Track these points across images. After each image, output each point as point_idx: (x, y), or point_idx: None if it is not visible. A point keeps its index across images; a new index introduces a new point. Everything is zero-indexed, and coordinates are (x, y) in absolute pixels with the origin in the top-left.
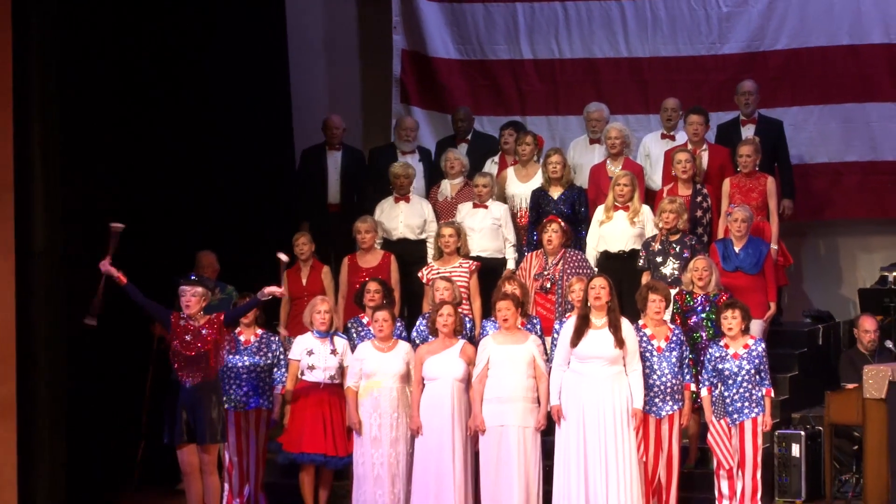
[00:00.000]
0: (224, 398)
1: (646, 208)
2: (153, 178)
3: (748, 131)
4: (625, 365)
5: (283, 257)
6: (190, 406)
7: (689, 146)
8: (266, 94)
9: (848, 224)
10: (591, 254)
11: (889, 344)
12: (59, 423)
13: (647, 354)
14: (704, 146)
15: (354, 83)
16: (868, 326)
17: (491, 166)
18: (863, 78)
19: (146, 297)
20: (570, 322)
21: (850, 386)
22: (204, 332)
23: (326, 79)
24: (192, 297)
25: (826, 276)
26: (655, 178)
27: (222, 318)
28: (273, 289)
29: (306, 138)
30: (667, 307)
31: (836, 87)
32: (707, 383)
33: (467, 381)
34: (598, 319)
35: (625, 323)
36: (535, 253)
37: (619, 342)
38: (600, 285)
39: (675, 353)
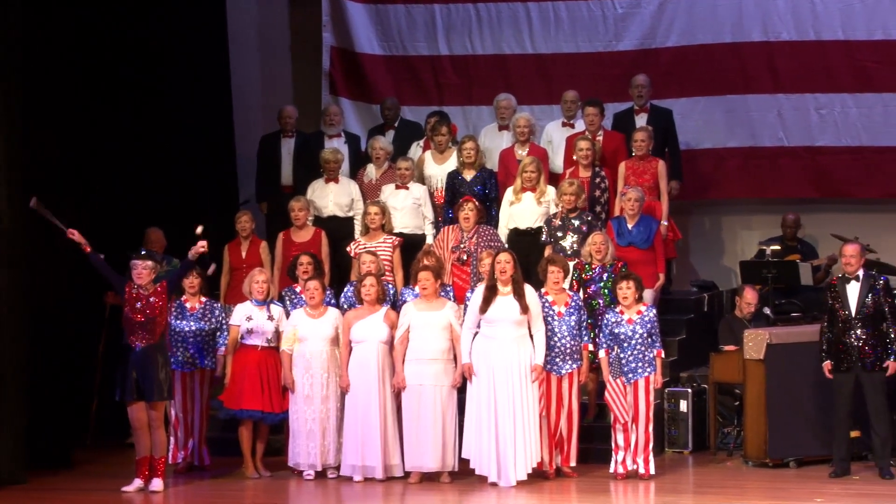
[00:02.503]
0: (171, 359)
1: (550, 189)
2: (109, 163)
3: (641, 120)
4: (529, 327)
5: (199, 229)
6: (139, 367)
7: (587, 133)
8: (209, 88)
9: (730, 203)
10: (503, 231)
11: (767, 310)
12: (20, 385)
13: (549, 319)
14: (600, 133)
15: (287, 76)
16: (750, 299)
17: (416, 150)
18: (743, 72)
19: (108, 265)
20: (479, 290)
21: (728, 348)
22: (152, 299)
23: (262, 73)
24: (142, 269)
25: (710, 249)
26: (557, 162)
27: (166, 285)
28: (197, 248)
29: (246, 126)
30: (565, 277)
31: (720, 81)
32: (604, 346)
33: (390, 343)
34: (505, 287)
35: (528, 289)
36: (451, 227)
37: (524, 308)
38: (505, 260)
39: (573, 317)
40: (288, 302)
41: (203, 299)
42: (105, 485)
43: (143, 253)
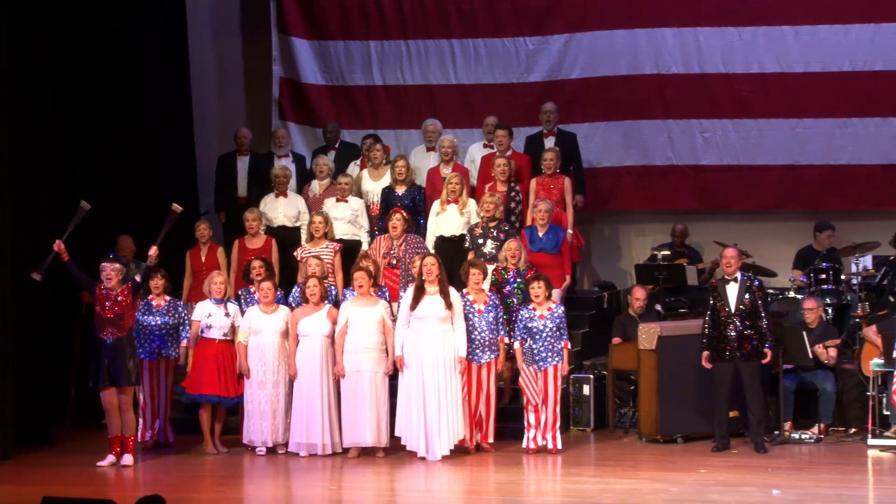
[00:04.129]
0: (139, 350)
1: (471, 201)
2: (86, 179)
3: (550, 142)
4: (452, 323)
5: (177, 208)
6: (110, 357)
7: (502, 153)
8: (174, 114)
9: (626, 214)
10: (431, 238)
11: (658, 307)
12: (7, 375)
13: (470, 315)
14: (509, 152)
15: (241, 103)
16: (639, 295)
17: (354, 168)
18: (638, 101)
19: (80, 270)
20: (410, 290)
21: (615, 341)
22: (119, 298)
23: (220, 100)
24: (111, 272)
25: (609, 254)
26: (477, 177)
27: (131, 286)
28: (153, 251)
29: (206, 146)
30: (484, 279)
31: (618, 108)
32: (519, 338)
33: (332, 336)
34: (432, 288)
35: (452, 290)
36: (383, 236)
37: (448, 305)
38: (431, 263)
39: (492, 314)
40: (243, 301)
41: (167, 298)
42: (82, 460)
43: (111, 257)
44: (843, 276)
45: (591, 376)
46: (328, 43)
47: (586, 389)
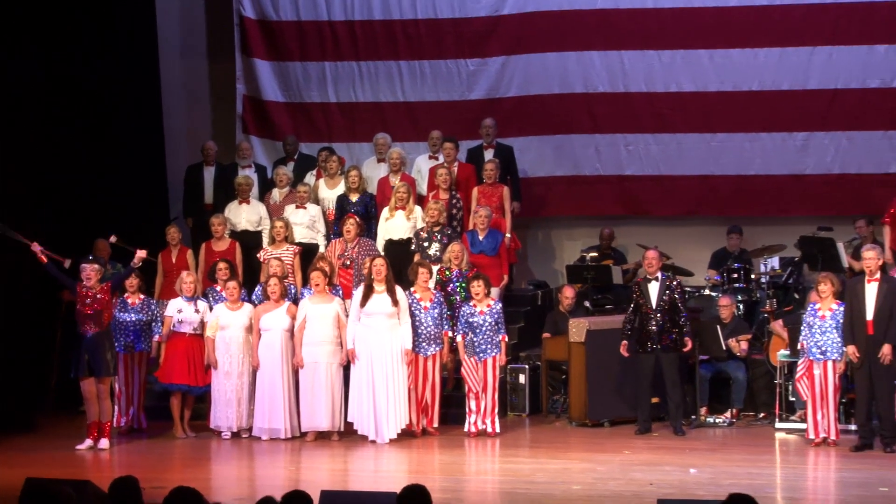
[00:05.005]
0: (116, 343)
1: (417, 208)
2: (67, 190)
3: (489, 154)
4: (399, 318)
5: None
6: (90, 350)
7: (446, 164)
8: (146, 128)
9: (558, 219)
10: (381, 242)
11: (587, 304)
12: None
13: (417, 311)
14: (456, 163)
15: (208, 118)
16: (568, 293)
17: (311, 177)
18: (568, 117)
19: (59, 271)
20: (360, 289)
21: (545, 335)
22: (99, 296)
23: (188, 116)
24: (90, 271)
25: (543, 256)
26: (424, 187)
27: (110, 285)
28: (140, 255)
29: (175, 157)
30: (430, 278)
31: (550, 123)
32: (461, 332)
33: (291, 331)
34: (380, 287)
35: (398, 289)
36: (338, 240)
37: (395, 302)
38: (380, 264)
39: (436, 310)
40: (210, 298)
41: (141, 296)
42: (62, 444)
43: (90, 258)
44: (752, 276)
45: (527, 366)
46: (287, 64)
47: (522, 378)
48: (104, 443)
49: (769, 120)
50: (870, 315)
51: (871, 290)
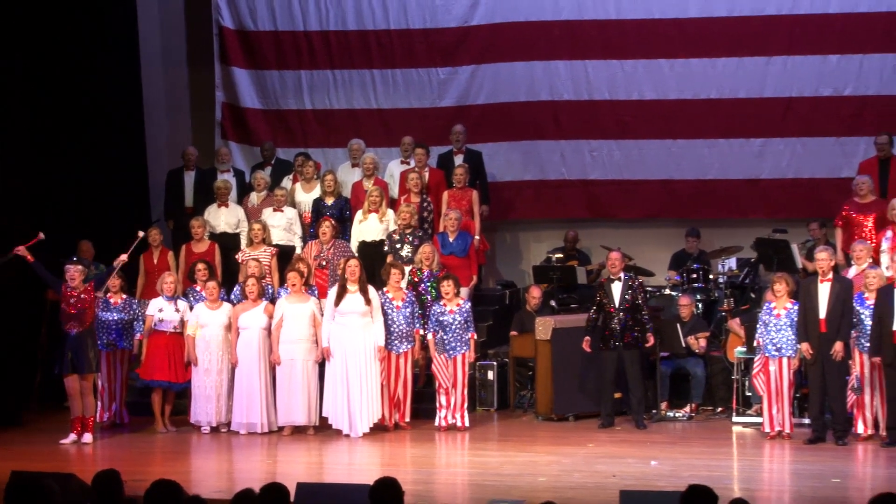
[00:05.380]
0: (98, 341)
1: (390, 211)
2: (55, 193)
3: (459, 159)
4: (372, 317)
5: (141, 233)
6: (73, 347)
7: (417, 169)
8: (129, 135)
9: (525, 222)
10: (355, 243)
11: (553, 303)
12: None
13: (389, 310)
14: (427, 168)
15: (188, 125)
16: (535, 293)
17: (287, 182)
18: (535, 124)
19: (46, 270)
20: (335, 289)
21: (512, 333)
22: (83, 296)
23: (169, 122)
24: (74, 272)
25: (511, 257)
26: (396, 191)
27: (93, 285)
28: (121, 258)
29: (157, 162)
30: (402, 278)
31: (517, 130)
32: (432, 330)
33: (269, 329)
34: (353, 287)
35: (371, 288)
36: (314, 241)
37: (368, 301)
38: (354, 265)
39: (408, 309)
40: (190, 298)
41: (123, 296)
42: (47, 438)
43: (74, 259)
44: (711, 276)
45: (495, 363)
46: (264, 72)
47: (490, 375)
48: (87, 437)
49: (727, 127)
50: (822, 314)
51: (823, 290)
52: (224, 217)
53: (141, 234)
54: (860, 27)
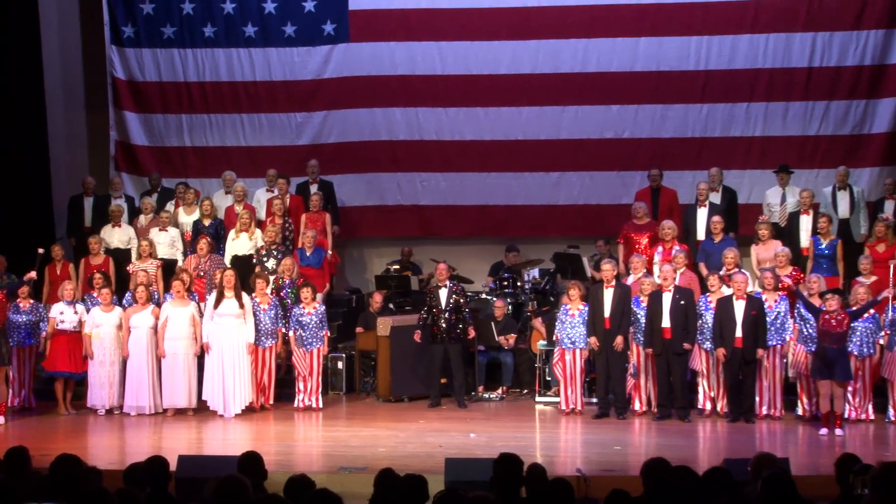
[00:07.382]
0: (10, 339)
1: (258, 231)
2: None
3: (314, 188)
4: (244, 318)
5: (41, 250)
6: None
7: (279, 196)
8: (35, 165)
9: (369, 239)
10: (228, 257)
11: (391, 306)
12: None
13: (257, 312)
14: (288, 196)
15: (85, 158)
16: (376, 298)
17: (171, 206)
18: (376, 159)
19: None
20: (213, 294)
21: (358, 330)
22: None
23: (70, 156)
24: None
25: (357, 268)
26: (262, 214)
27: (5, 293)
28: (31, 274)
29: (60, 189)
30: (267, 286)
31: (362, 163)
32: (292, 328)
33: (155, 328)
34: (229, 293)
35: (244, 295)
36: (193, 256)
37: (241, 305)
38: (230, 275)
39: (272, 311)
40: (88, 302)
41: (31, 301)
42: None
43: None
44: (519, 283)
45: (344, 355)
46: (151, 115)
47: (340, 364)
48: (0, 419)
49: (531, 162)
50: (607, 313)
51: (608, 295)
52: (117, 235)
53: (41, 250)
54: (636, 83)
